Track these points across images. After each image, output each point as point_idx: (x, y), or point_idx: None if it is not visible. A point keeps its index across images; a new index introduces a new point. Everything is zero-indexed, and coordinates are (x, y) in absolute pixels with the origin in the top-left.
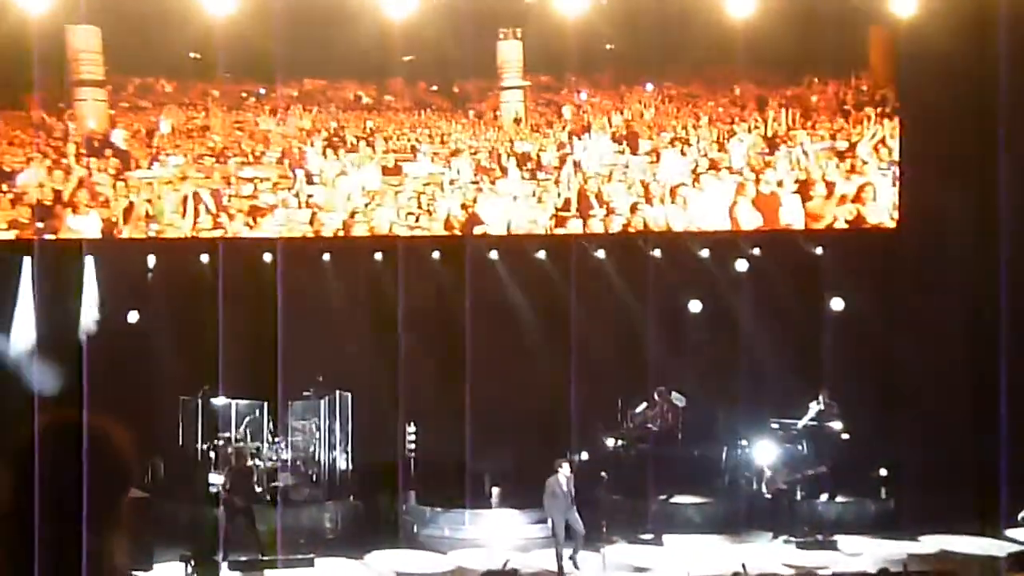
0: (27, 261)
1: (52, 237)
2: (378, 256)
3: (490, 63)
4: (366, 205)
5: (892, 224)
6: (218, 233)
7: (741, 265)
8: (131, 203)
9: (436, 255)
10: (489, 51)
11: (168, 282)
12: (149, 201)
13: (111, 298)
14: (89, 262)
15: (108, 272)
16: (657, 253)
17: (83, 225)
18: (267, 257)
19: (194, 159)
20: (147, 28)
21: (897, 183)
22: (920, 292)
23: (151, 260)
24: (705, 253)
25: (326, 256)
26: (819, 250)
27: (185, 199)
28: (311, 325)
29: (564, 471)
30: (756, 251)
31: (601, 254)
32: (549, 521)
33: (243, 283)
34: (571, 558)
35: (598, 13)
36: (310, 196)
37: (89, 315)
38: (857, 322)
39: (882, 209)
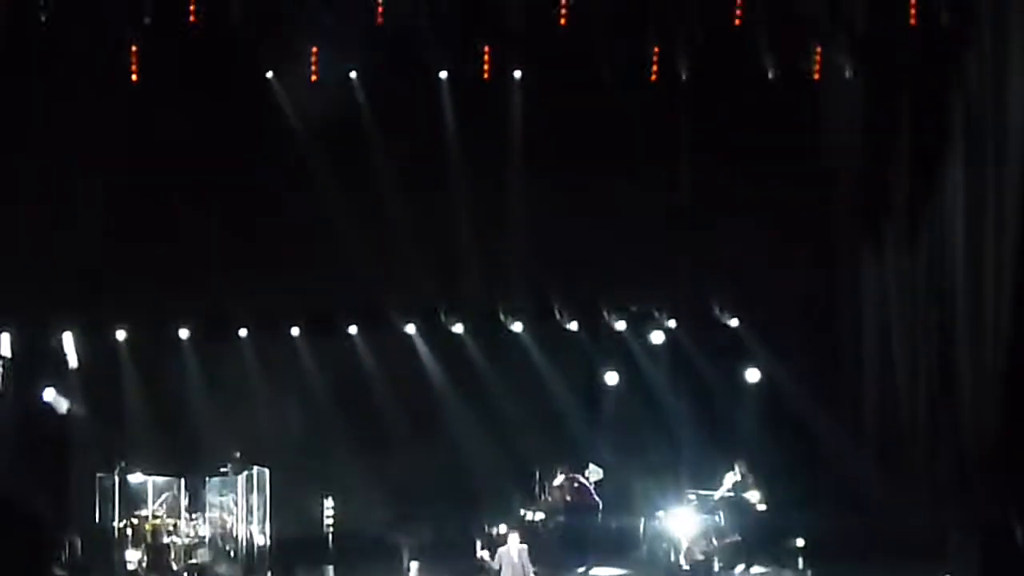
0: None
1: None
2: (295, 332)
3: None
4: None
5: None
6: None
7: (657, 337)
8: None
9: (354, 330)
10: None
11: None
12: None
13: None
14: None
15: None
16: (574, 326)
17: None
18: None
19: None
20: None
21: None
22: (836, 363)
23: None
24: (621, 325)
25: (243, 332)
26: (735, 321)
27: None
28: (227, 402)
29: (515, 541)
30: (672, 323)
31: (518, 327)
32: None
33: (161, 360)
34: None
35: None
36: None
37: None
38: (773, 393)
39: None
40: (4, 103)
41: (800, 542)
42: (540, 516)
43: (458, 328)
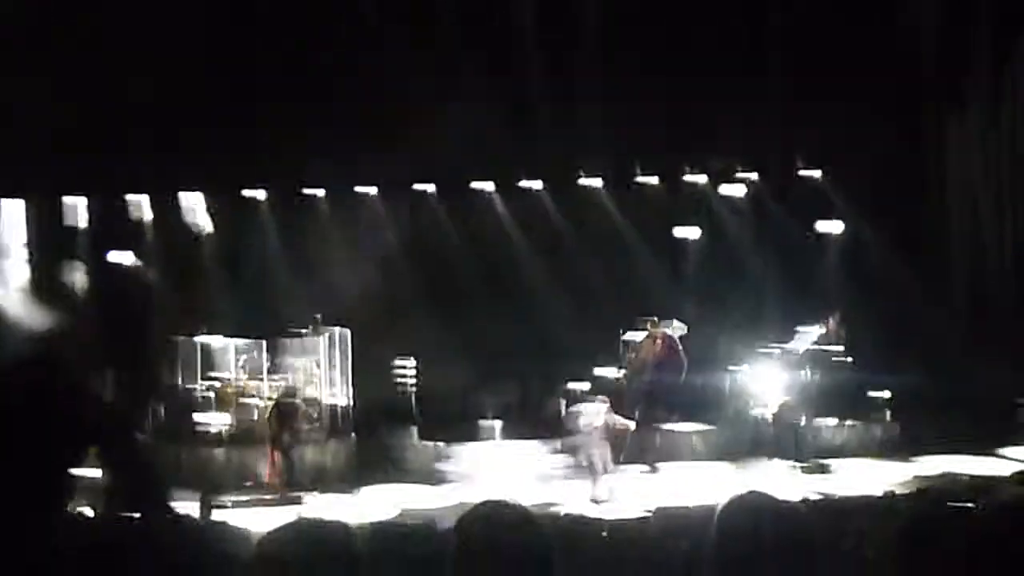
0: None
1: None
2: (372, 191)
3: None
4: None
5: None
6: None
7: (738, 191)
8: None
9: (431, 189)
10: None
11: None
12: None
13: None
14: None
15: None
16: (653, 180)
17: None
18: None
19: None
20: None
21: None
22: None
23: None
24: (702, 179)
25: (320, 193)
26: (817, 173)
27: None
28: (305, 263)
29: (601, 401)
30: (754, 176)
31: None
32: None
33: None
34: (592, 499)
35: None
36: None
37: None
38: (857, 247)
39: None
40: None
41: (886, 395)
42: (624, 374)
43: (536, 185)
